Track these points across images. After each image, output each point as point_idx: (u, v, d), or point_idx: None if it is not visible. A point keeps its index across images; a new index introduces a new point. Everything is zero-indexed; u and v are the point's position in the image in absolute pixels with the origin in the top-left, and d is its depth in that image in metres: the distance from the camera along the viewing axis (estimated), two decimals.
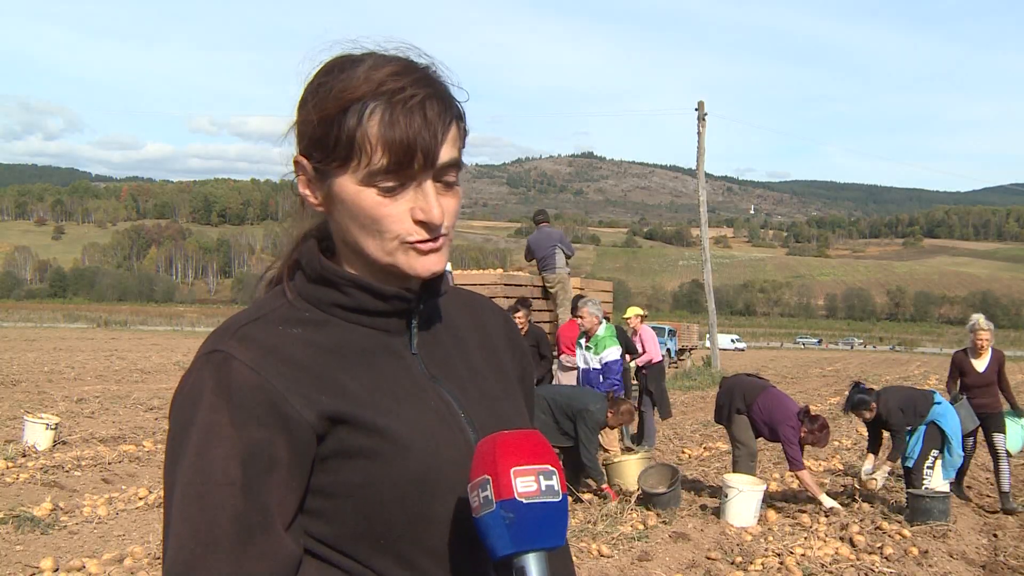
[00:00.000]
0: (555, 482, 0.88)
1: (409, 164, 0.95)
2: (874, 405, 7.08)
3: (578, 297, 9.86)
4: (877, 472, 7.33)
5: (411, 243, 0.98)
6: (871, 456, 7.51)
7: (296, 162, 1.02)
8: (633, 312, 10.69)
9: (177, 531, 0.88)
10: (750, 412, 7.19)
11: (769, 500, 7.14)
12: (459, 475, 0.95)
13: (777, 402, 7.13)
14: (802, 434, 6.87)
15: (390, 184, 0.96)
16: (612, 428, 7.52)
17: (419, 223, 0.97)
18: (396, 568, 0.96)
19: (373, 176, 0.95)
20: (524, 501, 0.85)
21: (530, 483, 0.86)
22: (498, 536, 0.86)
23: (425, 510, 0.96)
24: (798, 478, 7.11)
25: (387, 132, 0.94)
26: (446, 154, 0.97)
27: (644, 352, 10.42)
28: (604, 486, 7.17)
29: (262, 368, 0.93)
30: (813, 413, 7.01)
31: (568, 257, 11.25)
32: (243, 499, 0.89)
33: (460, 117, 1.01)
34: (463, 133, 1.02)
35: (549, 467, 0.88)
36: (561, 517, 0.88)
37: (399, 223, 0.97)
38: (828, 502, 6.94)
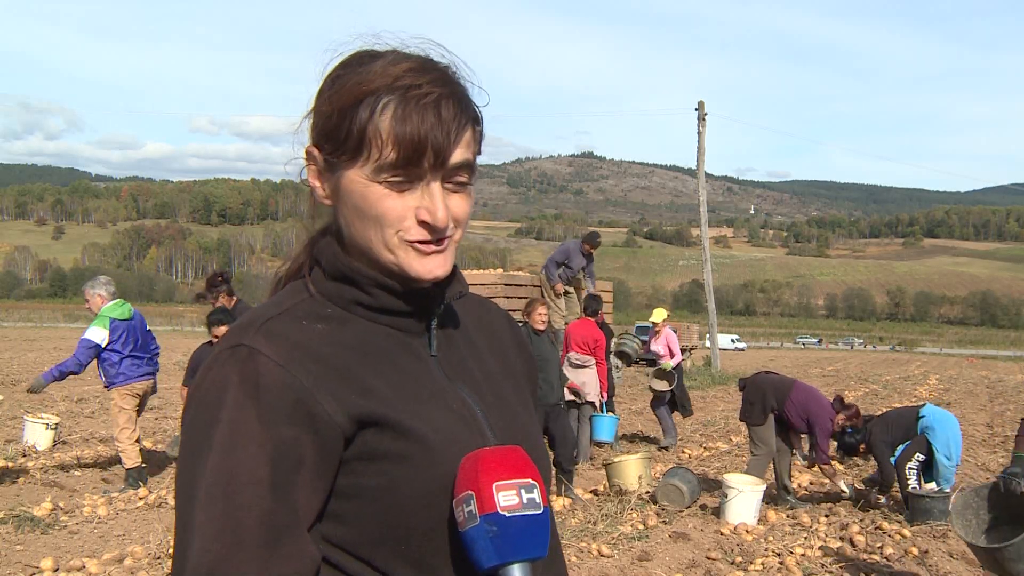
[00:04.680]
0: (536, 495, 0.89)
1: (418, 162, 0.94)
2: (863, 445, 7.15)
3: (591, 296, 9.92)
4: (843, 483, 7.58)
5: (411, 241, 0.96)
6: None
7: (308, 152, 1.01)
8: (660, 316, 10.72)
9: (203, 531, 0.85)
10: (784, 408, 7.24)
11: (769, 500, 7.15)
12: None
13: (810, 395, 7.25)
14: (839, 421, 7.05)
15: (397, 179, 0.94)
16: (539, 327, 7.48)
17: (422, 224, 0.96)
18: (414, 574, 0.94)
19: (381, 171, 0.94)
20: (506, 514, 0.87)
21: (512, 497, 0.87)
22: (483, 549, 0.87)
23: (447, 515, 0.94)
24: (823, 471, 7.39)
25: (398, 127, 0.93)
26: (458, 156, 0.96)
27: (673, 355, 10.61)
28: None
29: (289, 364, 0.91)
30: (846, 402, 7.21)
31: (566, 272, 11.51)
32: (271, 500, 0.87)
33: (477, 121, 1.00)
34: (479, 136, 1.01)
35: (531, 481, 0.89)
36: (543, 528, 0.89)
37: (402, 221, 0.96)
38: (845, 488, 7.39)
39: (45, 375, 7.22)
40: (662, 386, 10.49)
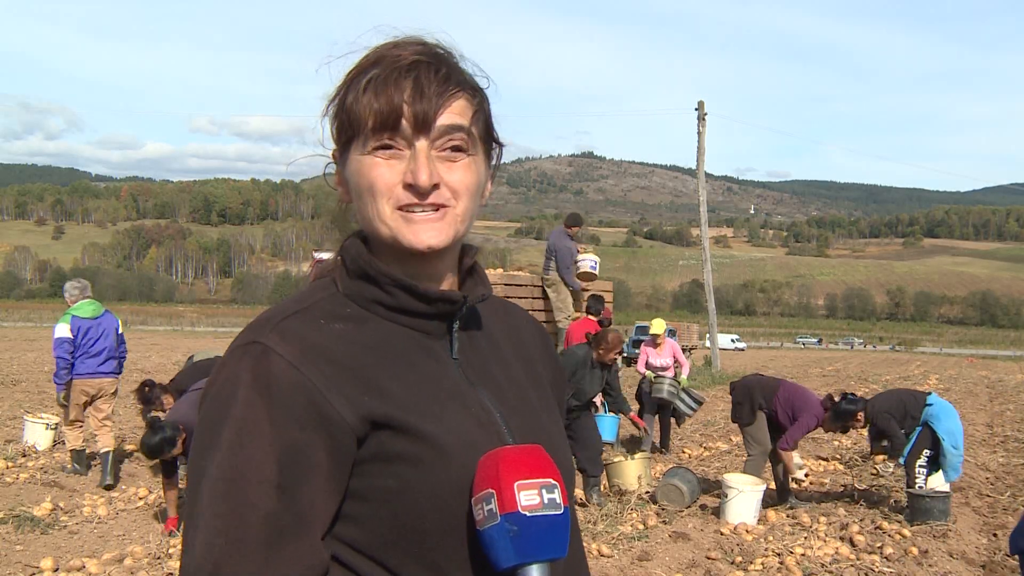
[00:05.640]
0: (557, 495, 0.88)
1: (396, 124, 0.94)
2: (860, 414, 7.01)
3: (593, 296, 9.87)
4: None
5: (400, 208, 0.96)
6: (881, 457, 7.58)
7: (333, 155, 1.03)
8: (661, 328, 10.36)
9: (207, 527, 0.85)
10: (772, 406, 7.25)
11: (768, 500, 7.15)
12: None
13: (797, 392, 7.28)
14: (828, 418, 7.06)
15: (380, 144, 0.95)
16: (608, 363, 7.27)
17: (408, 187, 0.95)
18: None
19: (367, 140, 0.95)
20: (527, 514, 0.86)
21: (533, 496, 0.87)
22: (502, 548, 0.86)
23: (462, 519, 0.93)
24: (782, 454, 7.22)
25: (376, 92, 0.94)
26: (445, 119, 0.95)
27: (682, 364, 10.48)
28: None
29: (303, 365, 0.90)
30: (836, 399, 7.16)
31: (562, 274, 10.87)
32: (276, 500, 0.86)
33: (474, 92, 1.00)
34: (479, 107, 1.00)
35: (551, 481, 0.89)
36: (563, 529, 0.88)
37: (392, 189, 0.95)
38: (799, 471, 7.36)
39: (57, 388, 7.60)
40: (702, 396, 10.36)
